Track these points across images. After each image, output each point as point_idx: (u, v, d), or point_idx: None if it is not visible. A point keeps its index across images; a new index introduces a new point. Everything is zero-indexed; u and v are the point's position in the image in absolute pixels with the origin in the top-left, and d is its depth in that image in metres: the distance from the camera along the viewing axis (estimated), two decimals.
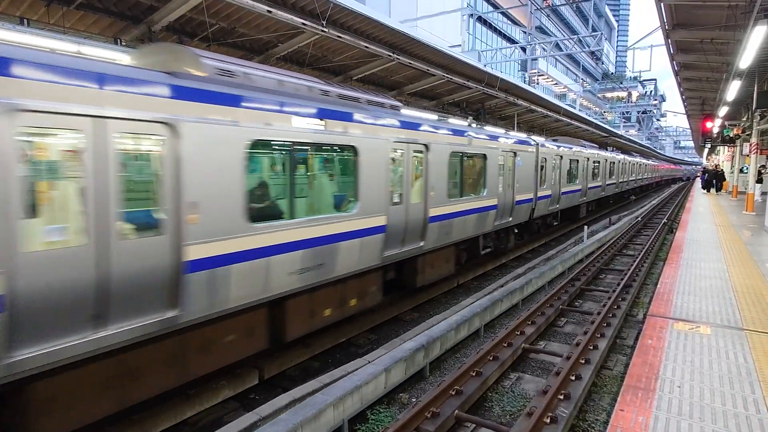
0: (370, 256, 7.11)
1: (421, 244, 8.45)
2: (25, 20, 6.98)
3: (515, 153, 12.11)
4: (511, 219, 12.29)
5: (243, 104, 5.15)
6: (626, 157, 30.60)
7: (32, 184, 3.62)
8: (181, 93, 4.52)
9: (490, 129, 13.41)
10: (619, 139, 38.82)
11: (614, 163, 26.32)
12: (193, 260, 4.59)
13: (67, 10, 7.79)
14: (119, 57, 6.83)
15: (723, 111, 18.43)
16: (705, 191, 30.63)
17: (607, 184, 24.99)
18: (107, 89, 3.94)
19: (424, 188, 8.51)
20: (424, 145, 8.42)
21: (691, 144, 80.00)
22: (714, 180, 30.61)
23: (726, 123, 21.93)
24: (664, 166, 61.84)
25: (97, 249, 3.90)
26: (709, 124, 22.26)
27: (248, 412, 4.96)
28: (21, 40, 6.23)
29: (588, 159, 20.51)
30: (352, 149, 6.73)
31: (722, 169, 32.74)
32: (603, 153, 23.99)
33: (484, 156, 10.60)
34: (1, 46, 3.51)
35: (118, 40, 7.94)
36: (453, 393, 5.14)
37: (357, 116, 6.77)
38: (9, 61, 3.43)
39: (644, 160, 40.55)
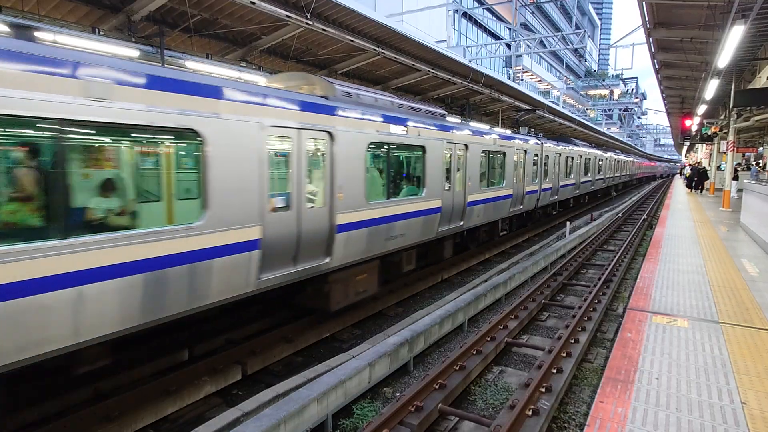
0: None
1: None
2: None
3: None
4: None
5: None
6: (553, 144, 18.13)
7: None
8: None
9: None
10: (600, 136, 39.39)
11: (538, 155, 16.01)
12: None
13: None
14: None
15: (702, 109, 18.82)
16: (688, 190, 28.53)
17: (487, 200, 11.90)
18: None
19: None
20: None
21: (671, 141, 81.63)
22: (695, 178, 27.73)
23: (704, 121, 22.41)
24: (644, 164, 62.58)
25: None
26: (688, 122, 22.74)
27: (231, 407, 4.93)
28: None
29: (401, 146, 8.61)
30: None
31: (704, 167, 29.65)
32: (495, 135, 12.38)
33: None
34: None
35: (96, 30, 7.74)
36: (437, 387, 5.16)
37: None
38: None
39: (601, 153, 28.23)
